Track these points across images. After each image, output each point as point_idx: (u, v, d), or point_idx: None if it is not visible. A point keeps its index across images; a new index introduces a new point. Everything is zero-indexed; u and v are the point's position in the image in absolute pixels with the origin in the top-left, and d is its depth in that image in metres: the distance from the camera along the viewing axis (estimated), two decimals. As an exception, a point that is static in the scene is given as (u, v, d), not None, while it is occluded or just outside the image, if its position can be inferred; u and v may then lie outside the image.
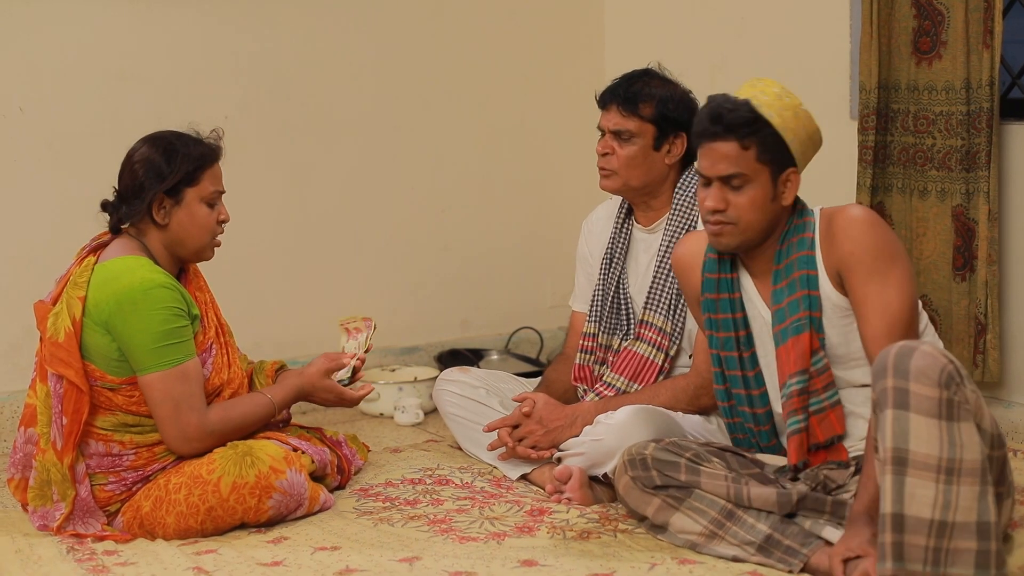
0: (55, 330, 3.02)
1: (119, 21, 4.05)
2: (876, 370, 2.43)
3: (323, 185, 4.45)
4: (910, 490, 2.35)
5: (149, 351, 3.00)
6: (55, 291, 3.11)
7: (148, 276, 3.02)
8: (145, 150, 3.09)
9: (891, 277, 2.72)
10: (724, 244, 2.85)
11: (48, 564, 2.90)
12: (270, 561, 2.87)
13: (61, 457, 3.01)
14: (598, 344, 3.54)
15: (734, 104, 2.78)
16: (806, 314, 2.78)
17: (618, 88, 3.44)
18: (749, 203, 2.79)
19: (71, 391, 3.01)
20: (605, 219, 3.66)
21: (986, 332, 3.56)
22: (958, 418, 2.36)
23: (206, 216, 3.12)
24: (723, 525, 2.79)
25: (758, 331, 2.92)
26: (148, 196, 3.06)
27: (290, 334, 4.36)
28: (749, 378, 2.93)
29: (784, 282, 2.83)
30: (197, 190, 3.09)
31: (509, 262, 4.84)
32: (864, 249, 2.74)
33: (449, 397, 3.68)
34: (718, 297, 2.94)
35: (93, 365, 3.03)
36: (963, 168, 3.59)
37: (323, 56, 4.41)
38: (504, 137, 4.80)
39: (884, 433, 2.38)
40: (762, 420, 2.94)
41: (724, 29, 4.44)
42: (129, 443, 3.07)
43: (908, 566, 2.36)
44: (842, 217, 2.78)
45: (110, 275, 3.03)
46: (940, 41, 3.63)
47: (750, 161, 2.77)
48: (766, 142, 2.77)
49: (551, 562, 2.82)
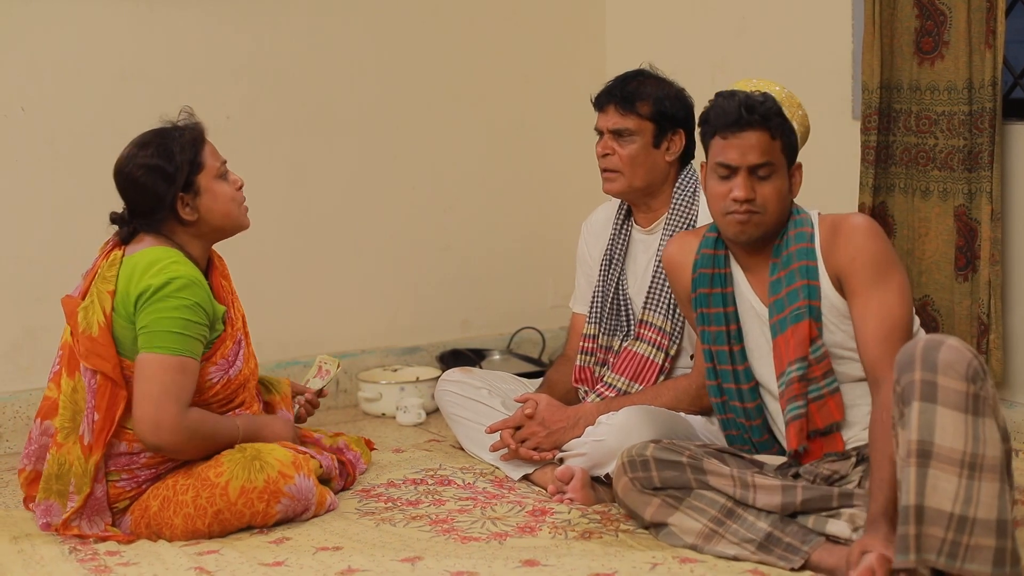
0: (87, 324, 3.00)
1: (120, 21, 4.04)
2: (902, 363, 2.44)
3: (324, 185, 4.45)
4: (932, 482, 2.36)
5: (160, 332, 2.97)
6: (82, 285, 3.10)
7: (179, 270, 3.01)
8: (141, 159, 3.05)
9: (892, 284, 2.79)
10: (748, 234, 2.88)
11: (50, 564, 2.90)
12: (272, 561, 2.87)
13: (88, 453, 2.99)
14: (598, 345, 3.54)
15: (764, 96, 2.87)
16: (805, 303, 2.83)
17: (614, 88, 3.45)
18: (775, 193, 2.86)
19: (106, 386, 2.99)
20: (604, 221, 3.66)
21: (989, 332, 3.56)
22: (983, 413, 2.38)
23: (225, 189, 3.11)
24: (723, 523, 2.80)
25: (749, 325, 2.95)
26: (167, 201, 3.04)
27: (292, 334, 4.36)
28: (739, 372, 2.96)
29: (782, 272, 2.88)
30: (206, 172, 3.08)
31: (511, 262, 4.84)
32: (869, 255, 2.80)
33: (451, 397, 3.68)
34: (711, 292, 2.97)
35: (128, 361, 3.02)
36: (965, 168, 3.59)
37: (324, 56, 4.40)
38: (506, 137, 4.80)
39: (910, 425, 2.39)
40: (752, 415, 2.97)
41: (725, 29, 4.43)
42: None
43: (923, 556, 2.36)
44: (847, 225, 2.85)
45: (139, 266, 3.01)
46: (942, 41, 3.63)
47: (777, 152, 2.86)
48: (787, 135, 2.87)
49: (553, 562, 2.82)
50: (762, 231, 2.88)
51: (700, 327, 3.01)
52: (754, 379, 2.96)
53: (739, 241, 2.92)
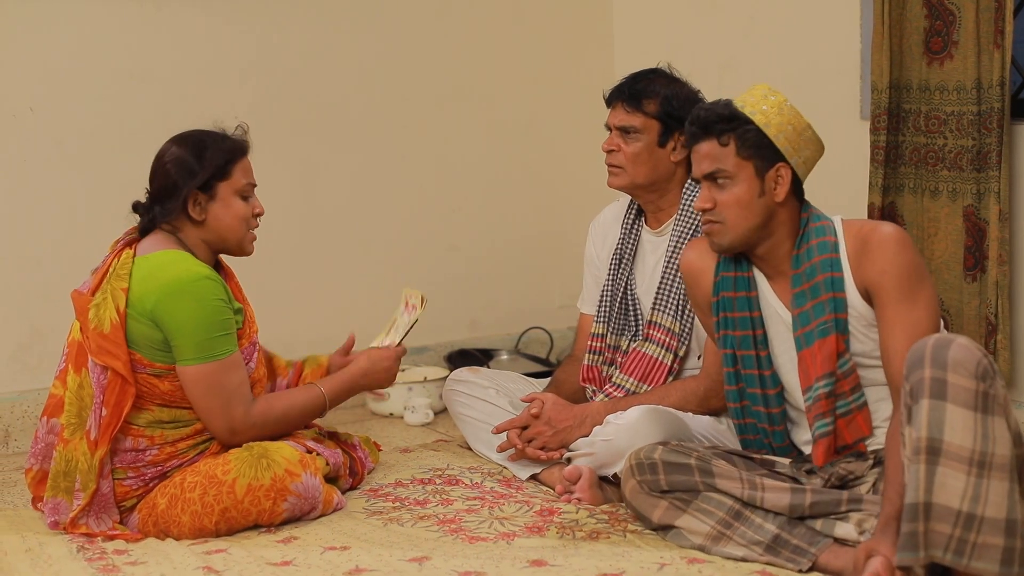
0: (99, 321, 3.02)
1: (128, 22, 4.05)
2: (912, 361, 2.44)
3: (332, 185, 4.46)
4: (940, 479, 2.35)
5: (198, 343, 3.01)
6: (92, 282, 3.10)
7: (193, 268, 3.04)
8: (175, 150, 3.10)
9: (921, 297, 2.76)
10: (716, 244, 2.89)
11: (58, 563, 2.90)
12: (280, 561, 2.87)
13: (94, 448, 3.00)
14: (606, 345, 3.54)
15: (711, 105, 2.88)
16: (831, 316, 2.79)
17: (623, 86, 3.48)
18: (733, 200, 2.83)
19: (115, 382, 3.01)
20: (612, 221, 3.66)
21: (997, 332, 3.56)
22: (992, 412, 2.38)
23: (241, 208, 3.13)
24: (731, 525, 2.80)
25: (775, 331, 2.92)
26: (183, 193, 3.07)
27: (299, 334, 4.35)
28: (766, 377, 2.93)
29: (806, 285, 2.84)
30: (230, 183, 3.11)
31: (518, 262, 4.84)
32: (900, 269, 2.76)
33: (459, 397, 3.68)
34: (735, 295, 2.94)
35: (139, 354, 3.03)
36: (974, 168, 3.59)
37: (332, 56, 4.41)
38: (513, 137, 4.80)
39: (919, 422, 2.38)
40: (776, 420, 2.94)
41: (733, 28, 4.43)
42: (159, 438, 3.08)
43: (930, 552, 2.36)
44: (878, 236, 2.80)
45: (154, 267, 3.03)
46: (951, 41, 3.62)
47: (729, 157, 2.83)
48: (745, 138, 2.82)
49: (560, 562, 2.81)
50: (730, 240, 2.86)
51: (722, 332, 2.97)
52: (780, 384, 2.93)
53: (714, 251, 2.93)
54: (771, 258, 2.90)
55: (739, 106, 2.84)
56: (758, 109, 2.82)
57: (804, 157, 2.86)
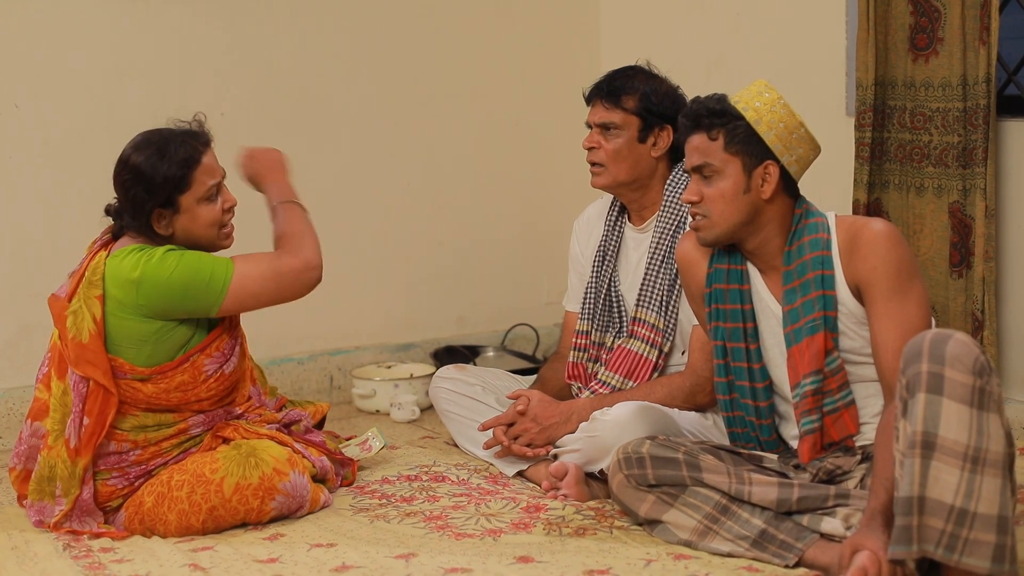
0: (77, 331, 2.99)
1: (114, 18, 4.04)
2: (909, 355, 2.43)
3: (318, 181, 4.43)
4: (934, 474, 2.35)
5: (206, 284, 2.99)
6: (69, 287, 3.08)
7: (158, 248, 3.01)
8: (135, 158, 3.01)
9: (912, 294, 2.76)
10: (702, 238, 2.90)
11: (44, 561, 2.90)
12: (266, 558, 2.86)
13: (75, 457, 2.99)
14: (591, 342, 3.54)
15: (703, 99, 2.89)
16: (821, 314, 2.79)
17: (602, 83, 3.48)
18: (719, 195, 2.84)
19: (97, 392, 2.99)
20: (596, 218, 3.66)
21: (983, 329, 3.56)
22: (987, 408, 2.37)
23: (207, 214, 3.07)
24: (717, 520, 2.80)
25: (765, 324, 2.93)
26: (145, 210, 3.02)
27: (286, 330, 4.35)
28: (755, 371, 2.94)
29: (797, 282, 2.84)
30: (191, 193, 3.03)
31: (505, 258, 4.84)
32: (890, 265, 2.76)
33: (445, 394, 3.67)
34: (727, 288, 2.95)
35: (122, 359, 3.01)
36: (960, 165, 3.60)
37: (319, 52, 4.40)
38: (500, 133, 4.80)
39: (915, 416, 2.38)
40: (764, 414, 2.95)
41: (720, 25, 4.43)
42: (142, 441, 3.07)
43: (922, 546, 2.36)
44: (869, 232, 2.80)
45: (123, 264, 3.00)
46: (937, 38, 3.63)
47: (717, 151, 2.84)
48: (734, 133, 2.83)
49: (547, 558, 2.82)
50: (715, 234, 2.87)
51: (713, 323, 2.98)
52: (769, 378, 2.94)
53: (701, 244, 2.93)
54: (762, 253, 2.91)
55: (734, 101, 2.84)
56: (750, 105, 2.83)
57: (796, 156, 2.85)
